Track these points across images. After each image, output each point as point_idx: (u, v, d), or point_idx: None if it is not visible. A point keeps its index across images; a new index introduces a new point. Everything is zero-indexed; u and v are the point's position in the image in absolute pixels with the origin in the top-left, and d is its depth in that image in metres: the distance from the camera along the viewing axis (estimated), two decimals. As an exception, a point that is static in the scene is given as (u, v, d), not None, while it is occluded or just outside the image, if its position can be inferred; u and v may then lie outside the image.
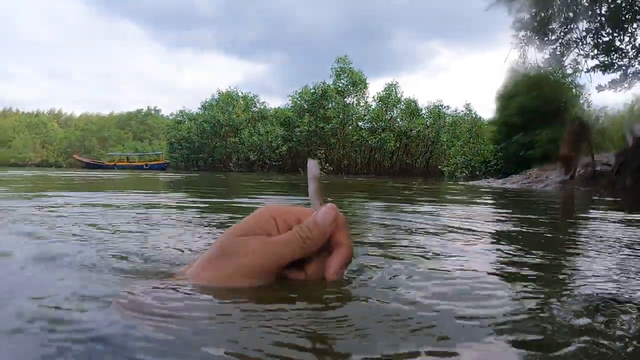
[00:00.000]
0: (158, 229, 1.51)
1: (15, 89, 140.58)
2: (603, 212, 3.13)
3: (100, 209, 2.13)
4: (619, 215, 2.83)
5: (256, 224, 0.75)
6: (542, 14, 12.08)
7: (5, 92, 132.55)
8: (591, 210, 3.26)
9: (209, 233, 1.43)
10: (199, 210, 2.34)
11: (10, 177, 6.55)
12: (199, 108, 41.68)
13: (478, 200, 4.23)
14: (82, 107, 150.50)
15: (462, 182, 13.49)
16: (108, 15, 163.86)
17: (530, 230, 1.85)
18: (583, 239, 1.61)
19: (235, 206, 2.78)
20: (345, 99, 36.15)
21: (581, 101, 20.59)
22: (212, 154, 39.03)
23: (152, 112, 74.06)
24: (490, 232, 1.71)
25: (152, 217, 1.86)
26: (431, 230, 1.63)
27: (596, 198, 5.18)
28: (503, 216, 2.55)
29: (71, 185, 4.71)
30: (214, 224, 1.70)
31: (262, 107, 40.35)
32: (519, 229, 1.90)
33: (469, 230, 1.68)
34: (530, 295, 0.78)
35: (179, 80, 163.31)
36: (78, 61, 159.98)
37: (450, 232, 1.61)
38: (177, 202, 2.87)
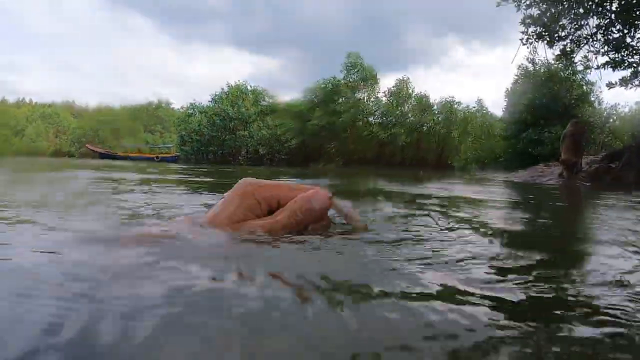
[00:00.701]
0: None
1: (28, 81, 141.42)
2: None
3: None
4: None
5: (247, 208, 0.84)
6: (552, 10, 11.99)
7: (17, 84, 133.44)
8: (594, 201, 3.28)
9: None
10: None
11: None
12: (209, 101, 41.76)
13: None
14: (94, 99, 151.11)
15: (468, 175, 13.49)
16: (119, 9, 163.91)
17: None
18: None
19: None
20: (356, 94, 36.07)
21: (592, 98, 20.46)
22: (222, 147, 39.10)
23: (163, 104, 74.30)
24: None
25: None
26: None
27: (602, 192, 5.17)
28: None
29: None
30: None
31: (272, 101, 40.35)
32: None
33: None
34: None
35: (190, 73, 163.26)
36: (89, 54, 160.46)
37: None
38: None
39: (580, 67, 15.97)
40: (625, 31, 11.29)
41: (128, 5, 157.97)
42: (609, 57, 11.91)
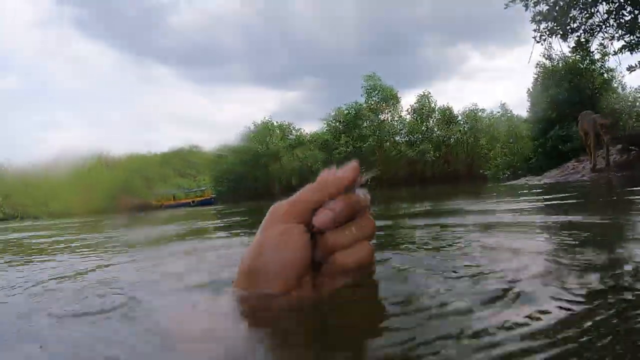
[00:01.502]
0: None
1: (58, 138, 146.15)
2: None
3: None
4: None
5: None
6: (561, 3, 11.93)
7: (48, 142, 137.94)
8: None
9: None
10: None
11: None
12: (238, 141, 42.57)
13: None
14: (123, 150, 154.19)
15: (501, 184, 13.26)
16: (140, 61, 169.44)
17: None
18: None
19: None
20: (379, 116, 36.24)
21: (614, 84, 20.07)
22: (256, 182, 39.60)
23: (193, 149, 75.57)
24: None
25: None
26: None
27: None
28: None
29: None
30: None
31: (298, 134, 40.86)
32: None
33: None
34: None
35: (215, 115, 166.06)
36: (114, 107, 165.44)
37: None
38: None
39: (597, 56, 15.77)
40: (637, 12, 11.13)
41: (149, 56, 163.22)
42: (625, 41, 11.72)
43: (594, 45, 12.80)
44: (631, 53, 11.78)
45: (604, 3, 11.53)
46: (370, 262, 0.67)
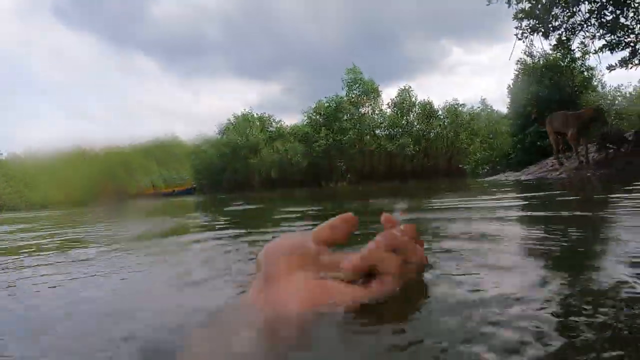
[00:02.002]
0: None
1: (37, 130, 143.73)
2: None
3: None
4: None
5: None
6: (543, 1, 11.99)
7: (27, 134, 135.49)
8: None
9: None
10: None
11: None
12: (217, 133, 42.43)
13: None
14: (104, 142, 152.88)
15: (480, 179, 13.36)
16: (121, 52, 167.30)
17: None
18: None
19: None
20: (360, 109, 36.23)
21: (594, 83, 20.35)
22: (235, 174, 39.45)
23: (173, 140, 75.04)
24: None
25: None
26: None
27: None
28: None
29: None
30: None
31: (278, 125, 40.71)
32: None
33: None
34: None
35: (195, 107, 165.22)
36: (96, 97, 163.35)
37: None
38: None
39: (578, 54, 15.95)
40: (618, 12, 11.23)
41: (131, 46, 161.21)
42: (606, 40, 11.84)
43: (575, 44, 12.91)
44: (611, 52, 11.91)
45: (586, 2, 11.63)
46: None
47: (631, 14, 11.21)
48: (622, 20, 11.32)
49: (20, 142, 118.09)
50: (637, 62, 11.68)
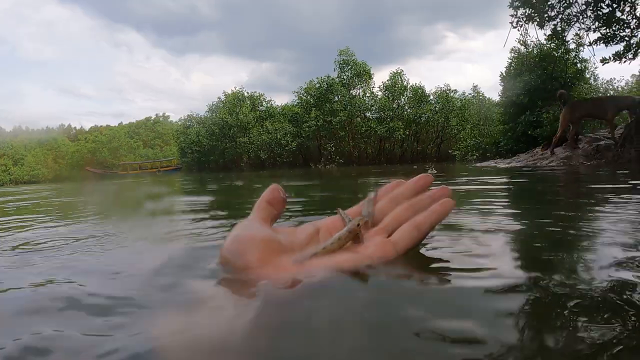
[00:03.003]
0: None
1: (23, 107, 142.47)
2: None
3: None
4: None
5: None
6: (540, -10, 11.95)
7: (13, 111, 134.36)
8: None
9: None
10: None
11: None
12: (206, 111, 42.09)
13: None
14: (91, 120, 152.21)
15: (471, 165, 13.39)
16: (112, 27, 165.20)
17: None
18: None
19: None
20: (351, 91, 36.10)
21: (587, 75, 20.39)
22: (223, 155, 39.25)
23: (161, 118, 74.66)
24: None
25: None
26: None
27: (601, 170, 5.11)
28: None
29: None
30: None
31: (268, 105, 40.44)
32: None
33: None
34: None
35: (187, 86, 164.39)
36: (84, 74, 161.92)
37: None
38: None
39: (572, 45, 15.97)
40: (615, 5, 11.23)
41: (121, 22, 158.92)
42: (601, 33, 11.87)
43: (570, 35, 12.92)
44: (606, 45, 11.95)
45: (583, -6, 11.61)
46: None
47: (627, 9, 11.22)
48: (618, 14, 11.33)
49: (6, 118, 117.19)
50: (631, 56, 11.74)
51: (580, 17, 12.09)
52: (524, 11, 12.58)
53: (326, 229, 0.72)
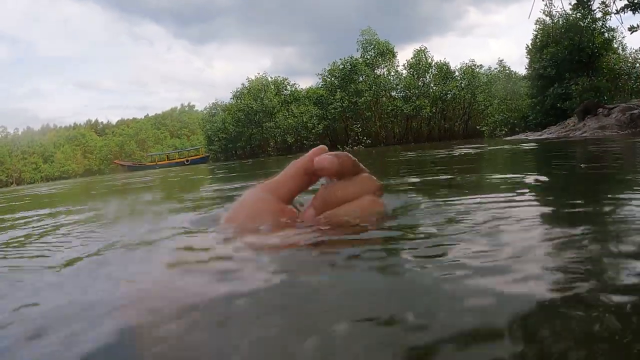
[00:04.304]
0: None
1: (49, 105, 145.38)
2: None
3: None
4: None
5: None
6: (564, -40, 11.75)
7: (39, 110, 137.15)
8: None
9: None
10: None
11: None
12: (230, 98, 42.32)
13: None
14: (116, 113, 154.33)
15: (501, 139, 13.30)
16: (129, 20, 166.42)
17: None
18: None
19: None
20: (375, 71, 35.95)
21: (615, 45, 19.94)
22: (250, 141, 39.51)
23: (186, 108, 75.43)
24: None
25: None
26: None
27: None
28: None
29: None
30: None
31: (293, 89, 40.46)
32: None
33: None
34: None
35: (209, 74, 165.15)
36: (106, 69, 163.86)
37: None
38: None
39: (599, 14, 15.66)
40: (642, -28, 11.02)
41: (138, 14, 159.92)
42: (628, 0, 11.65)
43: (596, 4, 12.70)
44: (634, 13, 11.73)
45: (609, -39, 11.39)
46: (373, 212, 0.65)
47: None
48: (646, -20, 11.11)
49: (33, 117, 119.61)
50: (659, 23, 11.48)
51: (607, -15, 11.90)
52: (548, -19, 12.41)
53: None
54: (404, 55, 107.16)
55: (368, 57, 35.75)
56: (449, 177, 2.15)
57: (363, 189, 0.65)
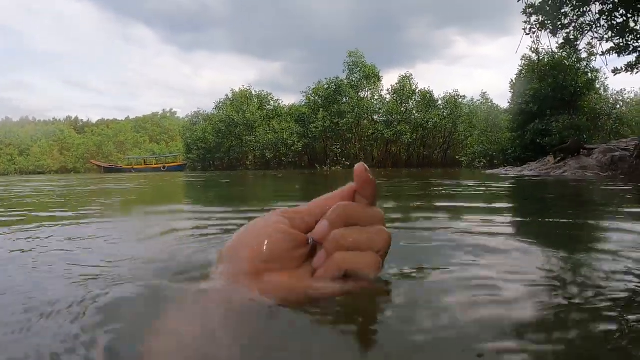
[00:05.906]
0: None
1: (32, 98, 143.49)
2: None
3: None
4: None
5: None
6: (554, -2, 11.87)
7: (21, 102, 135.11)
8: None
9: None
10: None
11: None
12: (213, 108, 42.19)
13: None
14: (99, 113, 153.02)
15: (479, 172, 13.34)
16: (123, 22, 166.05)
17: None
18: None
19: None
20: (360, 93, 36.11)
21: (597, 85, 20.35)
22: (229, 153, 39.29)
23: (168, 114, 74.92)
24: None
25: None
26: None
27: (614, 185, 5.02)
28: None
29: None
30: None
31: (276, 104, 40.46)
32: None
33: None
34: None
35: (195, 82, 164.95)
36: (94, 68, 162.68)
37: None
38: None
39: (584, 55, 15.89)
40: (629, 16, 11.14)
41: (132, 17, 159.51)
42: (614, 43, 11.78)
43: (582, 44, 12.83)
44: (619, 56, 11.86)
45: (597, 3, 11.50)
46: (370, 273, 0.60)
47: (641, 19, 11.13)
48: (632, 24, 11.24)
49: (14, 107, 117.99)
50: (643, 67, 11.65)
51: (594, 26, 12.01)
52: (537, 18, 12.50)
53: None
54: (388, 80, 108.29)
55: (353, 79, 35.94)
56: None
57: (371, 246, 0.60)
